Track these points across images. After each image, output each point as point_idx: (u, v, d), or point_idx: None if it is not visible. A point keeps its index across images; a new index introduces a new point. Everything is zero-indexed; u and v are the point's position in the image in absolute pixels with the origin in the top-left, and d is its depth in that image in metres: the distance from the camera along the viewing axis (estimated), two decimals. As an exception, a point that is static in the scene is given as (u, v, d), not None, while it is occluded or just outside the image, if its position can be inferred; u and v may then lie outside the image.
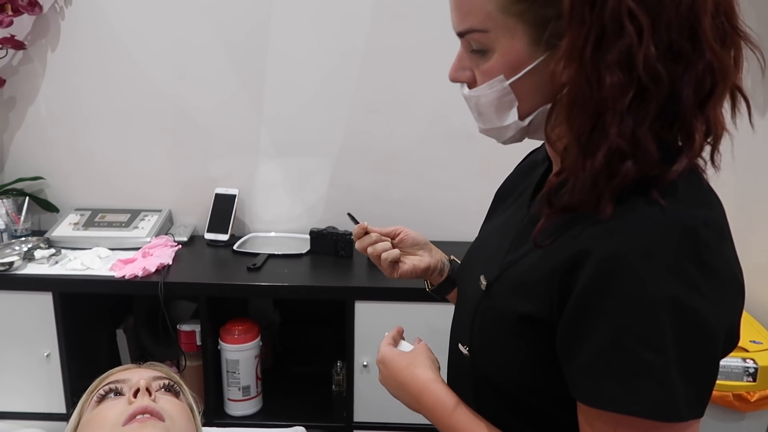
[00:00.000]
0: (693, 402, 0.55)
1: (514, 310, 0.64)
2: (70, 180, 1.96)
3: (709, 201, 0.59)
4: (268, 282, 1.63)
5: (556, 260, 0.59)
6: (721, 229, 0.58)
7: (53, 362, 1.64)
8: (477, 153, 1.84)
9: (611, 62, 0.54)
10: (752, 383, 1.48)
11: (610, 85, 0.54)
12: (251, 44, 1.85)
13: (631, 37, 0.53)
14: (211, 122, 1.91)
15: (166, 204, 1.96)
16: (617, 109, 0.55)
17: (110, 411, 0.79)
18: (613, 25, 0.53)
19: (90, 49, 1.86)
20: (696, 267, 0.54)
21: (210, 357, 1.68)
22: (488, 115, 0.66)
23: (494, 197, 0.86)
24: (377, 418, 1.65)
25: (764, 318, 1.71)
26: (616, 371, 0.55)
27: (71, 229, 1.84)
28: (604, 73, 0.54)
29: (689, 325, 0.54)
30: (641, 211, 0.56)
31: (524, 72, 0.61)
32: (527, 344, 0.64)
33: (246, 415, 1.71)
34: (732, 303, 0.57)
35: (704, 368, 0.56)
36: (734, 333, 0.59)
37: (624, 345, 0.54)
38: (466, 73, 0.66)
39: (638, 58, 0.53)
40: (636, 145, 0.55)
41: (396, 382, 0.77)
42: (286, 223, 1.98)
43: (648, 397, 0.54)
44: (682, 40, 0.54)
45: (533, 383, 0.65)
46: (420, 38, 1.77)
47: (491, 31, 0.61)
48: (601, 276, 0.55)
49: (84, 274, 1.63)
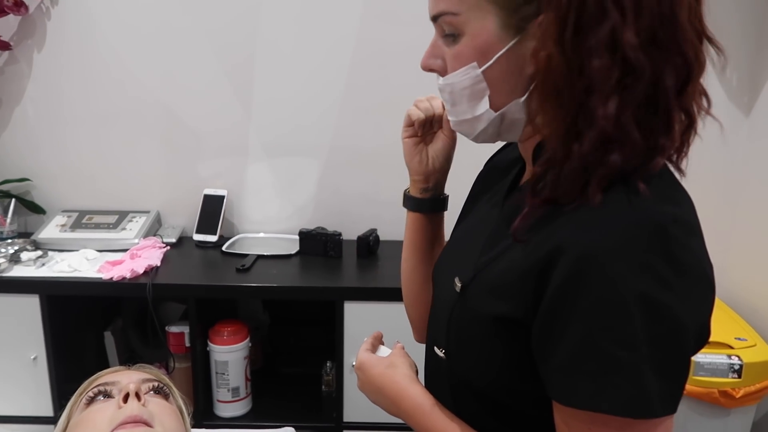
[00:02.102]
0: (666, 398, 0.55)
1: (490, 311, 0.64)
2: (57, 181, 1.95)
3: (678, 198, 0.60)
4: (257, 283, 1.63)
5: (529, 260, 0.59)
6: (690, 225, 0.58)
7: (40, 365, 1.63)
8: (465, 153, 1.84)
9: (595, 45, 0.54)
10: (737, 380, 1.50)
11: (596, 68, 0.54)
12: (240, 46, 1.84)
13: (614, 19, 0.54)
14: (199, 123, 1.91)
15: (154, 205, 1.96)
16: (603, 92, 0.55)
17: (99, 414, 0.78)
18: (596, 7, 0.54)
19: (77, 49, 1.85)
20: (666, 263, 0.54)
21: (199, 358, 1.67)
22: (461, 105, 0.66)
23: (466, 199, 0.85)
24: (367, 418, 1.66)
25: (749, 315, 1.74)
26: (589, 369, 0.55)
27: (58, 230, 1.82)
28: (588, 56, 0.55)
29: (660, 321, 0.54)
30: (611, 207, 0.56)
31: (495, 59, 0.61)
32: (503, 346, 0.64)
33: (235, 417, 1.71)
34: (702, 298, 0.58)
35: (676, 364, 0.56)
36: (705, 328, 0.59)
37: (596, 343, 0.55)
38: (438, 61, 0.66)
39: (624, 40, 0.54)
40: (621, 131, 0.55)
41: (374, 387, 0.77)
42: (275, 223, 1.97)
43: (621, 395, 0.54)
44: (662, 29, 0.55)
45: (510, 384, 0.65)
46: (409, 39, 1.77)
47: (462, 14, 0.61)
48: (573, 275, 0.55)
49: (71, 276, 1.62)
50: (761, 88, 1.79)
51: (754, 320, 1.72)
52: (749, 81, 1.82)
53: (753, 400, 1.53)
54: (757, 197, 1.80)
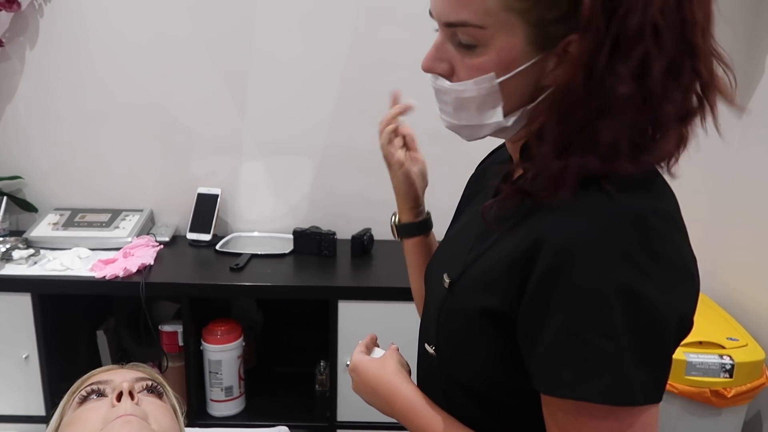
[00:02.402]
0: (647, 387, 0.56)
1: (477, 305, 0.65)
2: (49, 179, 1.94)
3: (660, 193, 0.61)
4: (251, 282, 1.62)
5: (513, 254, 0.60)
6: (671, 218, 0.59)
7: (32, 364, 1.62)
8: (460, 153, 1.85)
9: (625, 72, 0.54)
10: (729, 379, 1.51)
11: (620, 95, 0.55)
12: (234, 43, 1.84)
13: (649, 50, 0.54)
14: (193, 121, 1.90)
15: (148, 204, 1.95)
16: (616, 117, 0.56)
17: (92, 413, 0.78)
18: (635, 36, 0.54)
19: (69, 46, 1.84)
20: (645, 254, 0.55)
21: (192, 358, 1.67)
22: (468, 111, 0.64)
23: (459, 201, 0.86)
24: (360, 418, 1.66)
25: (741, 315, 1.75)
26: (571, 359, 0.56)
27: (50, 229, 1.81)
28: (614, 83, 0.55)
29: (640, 311, 0.55)
30: (592, 200, 0.57)
31: (515, 72, 0.60)
32: (491, 340, 0.64)
33: (229, 416, 1.71)
34: (683, 289, 0.58)
35: (657, 353, 0.57)
36: (687, 319, 0.60)
37: (577, 333, 0.56)
38: (444, 65, 0.64)
39: (653, 72, 0.54)
40: (614, 151, 0.57)
41: (368, 388, 0.77)
42: (269, 222, 1.97)
43: (602, 383, 0.55)
44: (680, 56, 0.56)
45: (499, 379, 0.66)
46: (404, 38, 1.78)
47: (488, 28, 0.58)
48: (554, 266, 0.56)
49: (63, 275, 1.61)
50: (753, 90, 1.80)
51: (746, 321, 1.73)
52: (742, 83, 1.82)
53: (744, 399, 1.54)
54: (750, 199, 1.81)
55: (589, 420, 0.57)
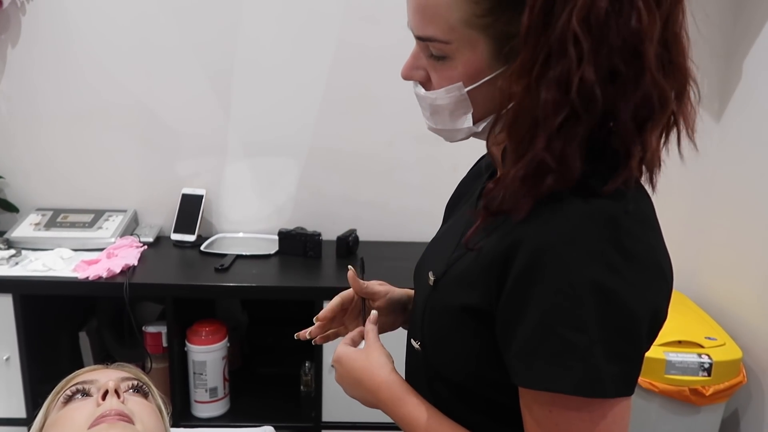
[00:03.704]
0: (619, 380, 0.58)
1: (458, 302, 0.67)
2: (31, 179, 1.91)
3: (633, 195, 0.62)
4: (235, 283, 1.62)
5: (493, 253, 0.63)
6: (644, 218, 0.61)
7: (13, 366, 1.60)
8: (445, 155, 1.86)
9: (550, 81, 0.57)
10: (707, 378, 1.54)
11: (544, 102, 0.57)
12: (220, 44, 1.84)
13: (571, 59, 0.55)
14: (177, 121, 1.89)
15: (131, 204, 1.93)
16: (548, 126, 0.57)
17: (77, 412, 0.78)
18: (559, 46, 0.56)
19: (52, 45, 1.82)
20: (617, 251, 0.57)
21: (176, 359, 1.66)
22: (442, 116, 0.68)
23: (446, 205, 0.89)
24: (345, 418, 1.66)
25: (718, 315, 1.78)
26: (543, 351, 0.58)
27: (32, 229, 1.79)
28: (542, 90, 0.57)
29: (611, 306, 0.57)
30: (568, 203, 0.59)
31: (482, 82, 0.63)
32: (472, 335, 0.67)
33: (213, 417, 1.70)
34: (654, 286, 0.60)
35: (628, 348, 0.59)
36: (659, 315, 0.62)
37: (551, 327, 0.58)
38: (420, 72, 0.68)
39: (574, 81, 0.56)
40: (561, 162, 0.58)
41: (351, 380, 0.78)
42: (255, 223, 1.97)
43: (573, 375, 0.57)
44: (624, 65, 0.56)
45: (479, 373, 0.68)
46: (389, 40, 1.78)
47: (453, 43, 0.62)
48: (530, 264, 0.59)
49: (46, 276, 1.60)
50: (731, 95, 1.84)
51: (723, 320, 1.76)
52: (719, 88, 1.87)
53: (722, 397, 1.57)
54: (727, 201, 1.85)
55: (562, 411, 0.59)
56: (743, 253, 1.76)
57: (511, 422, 0.67)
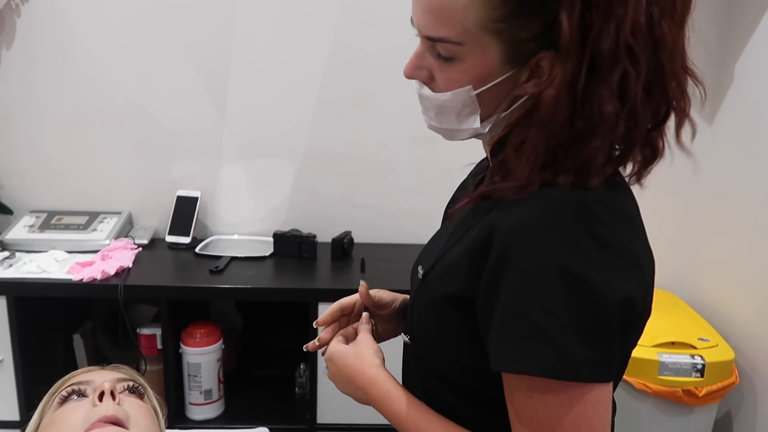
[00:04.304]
0: (593, 364, 0.59)
1: (443, 292, 0.69)
2: (25, 181, 1.91)
3: (611, 186, 0.64)
4: (231, 284, 1.62)
5: (472, 244, 0.65)
6: (619, 210, 0.63)
7: (6, 368, 1.59)
8: (439, 157, 1.87)
9: (607, 95, 0.58)
10: (700, 379, 1.55)
11: (606, 115, 0.58)
12: (216, 45, 1.84)
13: (628, 71, 0.57)
14: (173, 123, 1.89)
15: (126, 206, 1.93)
16: (604, 138, 0.59)
17: (73, 413, 0.78)
18: (611, 56, 0.57)
19: (47, 46, 1.82)
20: (587, 238, 0.59)
21: (171, 361, 1.66)
22: (448, 117, 0.69)
23: (446, 206, 0.89)
24: (340, 420, 1.66)
25: (711, 317, 1.79)
26: (516, 335, 0.60)
27: (26, 231, 1.79)
28: (600, 104, 0.58)
29: (581, 291, 0.58)
30: (542, 191, 0.61)
31: (491, 85, 0.64)
32: (458, 326, 0.68)
33: (208, 419, 1.70)
34: (627, 274, 0.61)
35: (599, 332, 0.59)
36: (633, 303, 0.62)
37: (522, 310, 0.59)
38: (424, 72, 0.68)
39: (633, 91, 0.58)
40: (589, 164, 0.60)
41: (344, 377, 0.79)
42: (249, 225, 1.97)
43: (545, 358, 0.58)
44: (654, 77, 0.59)
45: (465, 363, 0.69)
46: (384, 43, 1.80)
47: (466, 45, 0.62)
48: (504, 250, 0.60)
49: (40, 278, 1.59)
50: (723, 98, 1.86)
51: (716, 322, 1.78)
52: (711, 91, 1.89)
53: (715, 398, 1.58)
54: (720, 204, 1.86)
55: (541, 396, 0.60)
56: (735, 255, 1.77)
57: (501, 415, 0.67)
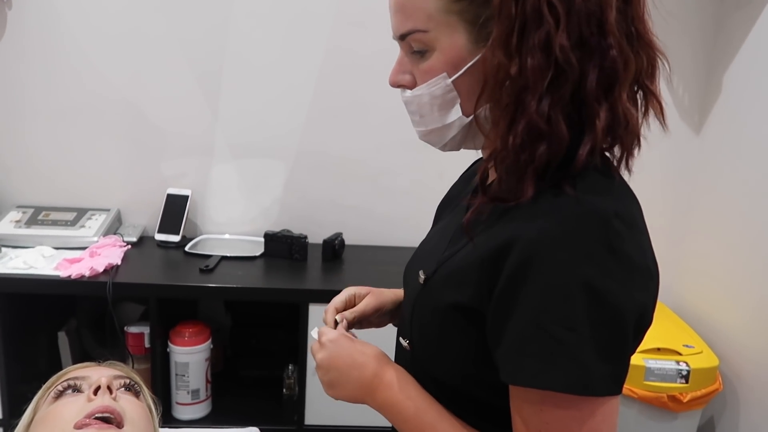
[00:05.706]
0: (608, 378, 0.59)
1: (448, 300, 0.68)
2: (11, 175, 1.88)
3: (621, 194, 0.64)
4: (220, 284, 1.61)
5: (484, 252, 0.63)
6: (632, 220, 0.63)
7: (-10, 365, 1.57)
8: (432, 161, 1.88)
9: (532, 46, 0.59)
10: (685, 385, 1.58)
11: (531, 67, 0.59)
12: (210, 44, 1.83)
13: (549, 24, 0.58)
14: (164, 121, 1.88)
15: (115, 203, 1.91)
16: (537, 89, 0.60)
17: (67, 408, 0.77)
18: (534, 14, 0.59)
19: (37, 40, 1.80)
20: (608, 252, 0.59)
21: (159, 360, 1.64)
22: (431, 114, 0.69)
23: (438, 206, 0.90)
24: (328, 421, 1.66)
25: (696, 324, 1.82)
26: (534, 349, 0.59)
27: (12, 226, 1.76)
28: (526, 57, 0.59)
29: (602, 306, 0.58)
30: (558, 202, 0.61)
31: (465, 69, 0.65)
32: (461, 334, 0.67)
33: (194, 419, 1.68)
34: (643, 287, 0.62)
35: (617, 347, 0.60)
36: (646, 316, 0.63)
37: (542, 325, 0.59)
38: (407, 77, 0.69)
39: (555, 43, 0.59)
40: (549, 124, 0.60)
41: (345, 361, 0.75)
42: (240, 225, 1.96)
43: (564, 373, 0.58)
44: (590, 31, 0.60)
45: (466, 371, 0.68)
46: (378, 46, 1.79)
47: (432, 31, 0.64)
48: (522, 263, 0.60)
49: (27, 273, 1.57)
50: (711, 108, 1.89)
51: (701, 328, 1.80)
52: (699, 101, 1.92)
53: (699, 404, 1.61)
54: (705, 212, 1.89)
55: (552, 410, 0.60)
56: (720, 263, 1.80)
57: (499, 423, 0.68)
